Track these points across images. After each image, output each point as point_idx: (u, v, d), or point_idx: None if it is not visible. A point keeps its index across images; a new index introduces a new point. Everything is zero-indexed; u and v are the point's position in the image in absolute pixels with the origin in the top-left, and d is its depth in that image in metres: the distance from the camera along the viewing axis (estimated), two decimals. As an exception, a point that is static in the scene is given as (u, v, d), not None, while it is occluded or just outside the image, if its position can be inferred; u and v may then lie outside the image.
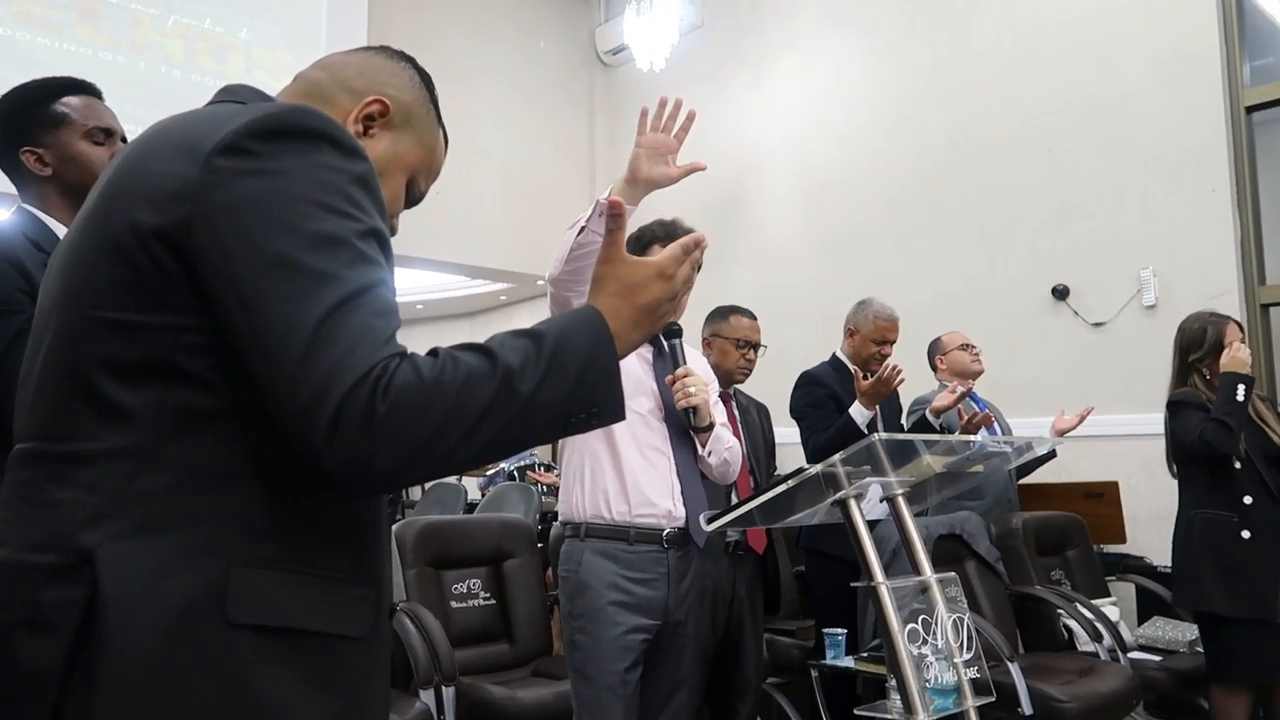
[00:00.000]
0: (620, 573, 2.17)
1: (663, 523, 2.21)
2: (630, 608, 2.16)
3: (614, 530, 2.19)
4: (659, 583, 2.20)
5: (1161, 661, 3.40)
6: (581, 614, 2.18)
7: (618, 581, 2.16)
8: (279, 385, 0.79)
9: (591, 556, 2.19)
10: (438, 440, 0.79)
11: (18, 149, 1.70)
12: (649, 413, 2.26)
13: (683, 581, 2.24)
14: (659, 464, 2.23)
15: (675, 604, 2.22)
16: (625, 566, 2.18)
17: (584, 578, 2.18)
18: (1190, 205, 4.37)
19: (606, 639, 2.13)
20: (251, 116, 0.85)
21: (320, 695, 0.85)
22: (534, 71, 7.08)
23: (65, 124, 1.71)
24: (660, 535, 2.20)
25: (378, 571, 0.94)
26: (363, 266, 0.82)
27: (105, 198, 0.89)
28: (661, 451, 2.25)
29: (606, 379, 0.89)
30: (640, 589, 2.18)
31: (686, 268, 0.99)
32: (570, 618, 2.21)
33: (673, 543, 2.22)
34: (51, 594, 0.80)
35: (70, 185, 1.70)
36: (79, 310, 0.87)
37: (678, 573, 2.23)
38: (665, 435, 2.26)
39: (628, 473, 2.20)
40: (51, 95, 1.73)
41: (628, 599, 2.16)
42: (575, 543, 2.23)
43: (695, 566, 2.29)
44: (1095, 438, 4.05)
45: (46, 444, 0.87)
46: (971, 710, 1.56)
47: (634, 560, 2.19)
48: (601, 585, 2.16)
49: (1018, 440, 1.89)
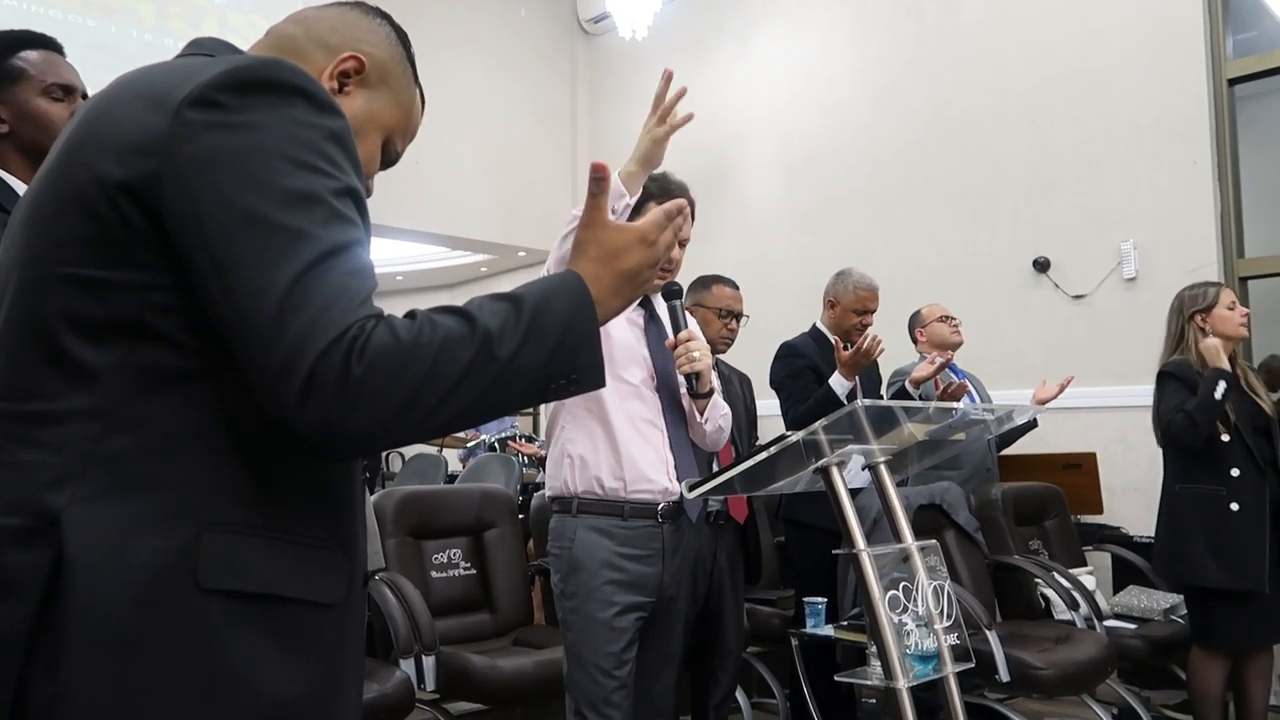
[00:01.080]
0: (616, 550, 2.10)
1: (658, 497, 2.14)
2: (626, 586, 2.09)
3: (608, 506, 2.12)
4: (654, 559, 2.13)
5: (1136, 630, 3.44)
6: (575, 594, 2.10)
7: (613, 560, 2.09)
8: (251, 345, 0.77)
9: (585, 533, 2.11)
10: (414, 403, 0.77)
11: None
12: (641, 383, 2.17)
13: (675, 556, 2.19)
14: (652, 438, 2.16)
15: (670, 580, 2.17)
16: (620, 543, 2.10)
17: (578, 556, 2.10)
18: (1171, 178, 4.38)
19: (602, 619, 2.06)
20: (222, 68, 0.82)
21: (292, 662, 0.83)
22: (515, 40, 6.99)
23: (23, 79, 1.66)
24: (655, 510, 2.14)
25: (351, 538, 0.92)
26: (338, 225, 0.80)
27: (69, 150, 0.86)
28: (654, 425, 2.17)
29: (587, 344, 0.88)
30: (635, 566, 2.11)
31: (669, 234, 0.98)
32: (563, 597, 2.13)
33: (667, 517, 2.15)
34: (15, 557, 0.78)
35: (28, 143, 1.66)
36: (42, 267, 0.84)
37: (671, 547, 2.17)
38: (658, 407, 2.18)
39: (622, 448, 2.11)
40: (8, 49, 1.68)
41: (623, 577, 2.09)
42: (567, 519, 2.15)
43: (686, 539, 2.23)
44: (1074, 409, 4.08)
45: (9, 404, 0.85)
46: (950, 676, 1.57)
47: (629, 536, 2.11)
48: (596, 564, 2.08)
49: (999, 408, 1.90)
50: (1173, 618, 3.50)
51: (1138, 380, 3.43)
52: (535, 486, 5.00)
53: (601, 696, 2.04)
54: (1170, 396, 3.14)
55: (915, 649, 1.53)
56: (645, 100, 2.09)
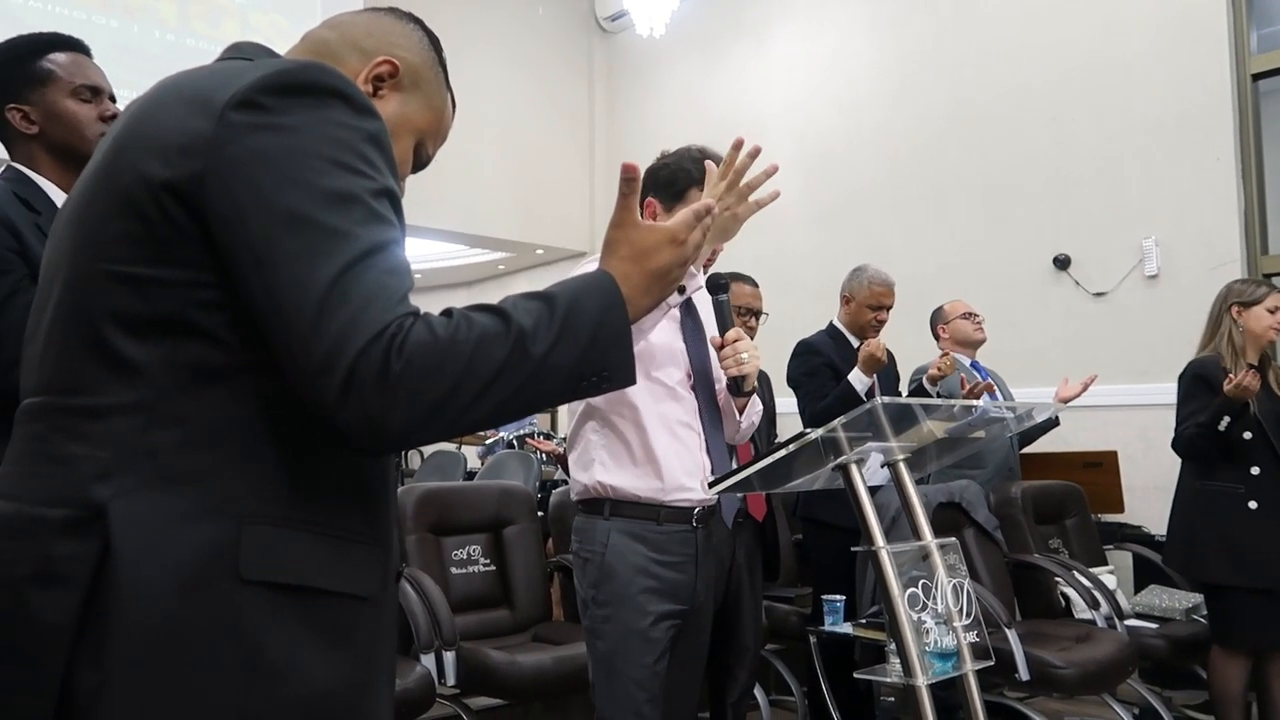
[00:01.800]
0: (650, 555, 1.99)
1: (693, 501, 2.03)
2: (661, 594, 1.98)
3: (644, 509, 2.00)
4: (688, 565, 2.03)
5: (1158, 629, 3.42)
6: (607, 601, 1.98)
7: (648, 566, 1.98)
8: (292, 343, 0.79)
9: (619, 538, 1.99)
10: (451, 399, 0.79)
11: (3, 106, 1.67)
12: (677, 384, 2.05)
13: (707, 560, 2.09)
14: (689, 441, 2.04)
15: (702, 587, 2.07)
16: (655, 549, 1.99)
17: (610, 562, 1.98)
18: (1194, 174, 4.34)
19: (637, 629, 1.95)
20: (264, 71, 0.85)
21: (329, 653, 0.85)
22: (532, 38, 7.01)
23: (51, 81, 1.68)
24: (690, 514, 2.03)
25: (386, 532, 0.94)
26: (375, 225, 0.82)
27: (115, 151, 0.88)
28: (691, 427, 2.05)
29: (618, 342, 0.89)
30: (669, 573, 2.00)
31: (698, 233, 0.99)
32: (593, 604, 2.01)
33: (702, 520, 2.05)
34: (63, 548, 0.80)
35: (56, 143, 1.68)
36: (88, 264, 0.87)
37: (704, 552, 2.07)
38: (694, 408, 2.07)
39: (659, 454, 2.00)
40: (37, 51, 1.70)
41: (658, 585, 1.98)
42: (597, 521, 2.03)
43: (715, 543, 2.13)
44: (1095, 407, 4.06)
45: (56, 398, 0.87)
46: (970, 674, 1.57)
47: (663, 541, 2.00)
48: (630, 570, 1.97)
49: (1018, 406, 1.89)
50: (1194, 617, 3.47)
51: (1159, 378, 3.41)
52: (554, 484, 5.01)
53: (632, 709, 1.95)
54: (1188, 401, 3.13)
55: (934, 647, 1.52)
56: (663, 97, 2.09)
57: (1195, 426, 3.07)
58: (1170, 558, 3.34)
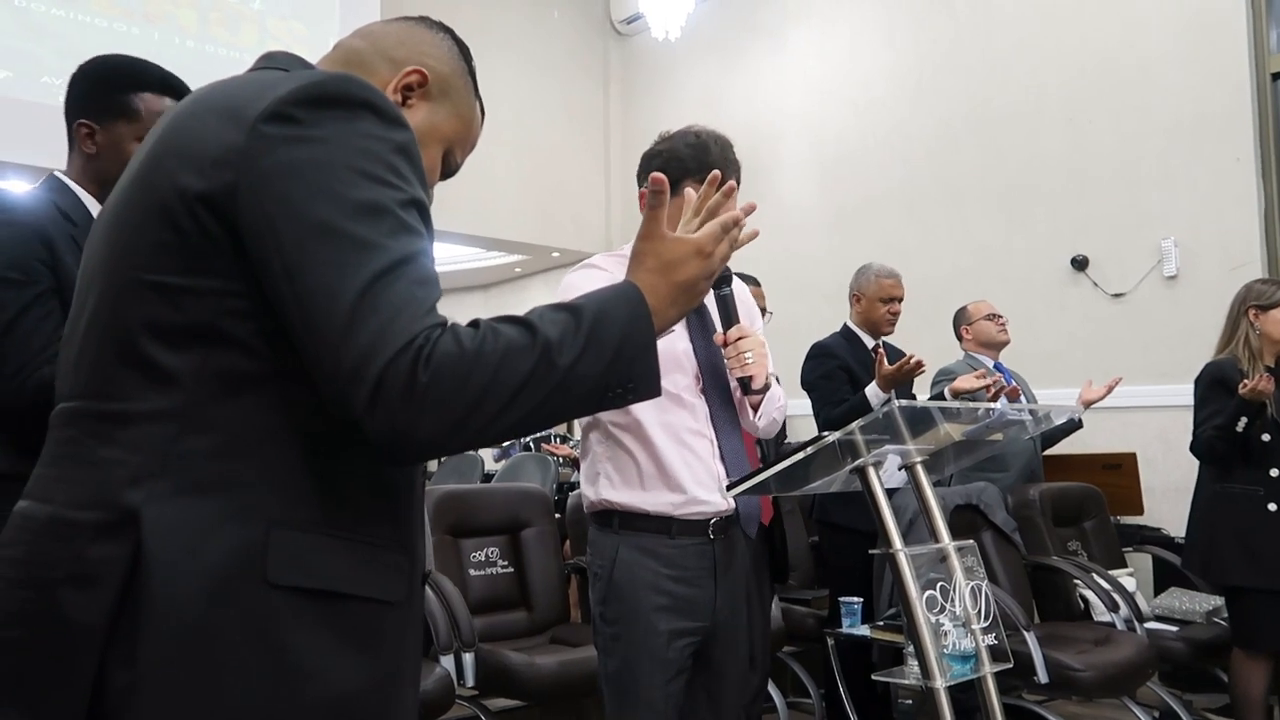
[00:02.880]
0: (662, 571, 1.89)
1: (708, 513, 1.92)
2: (673, 611, 1.89)
3: (654, 522, 1.91)
4: (704, 579, 1.92)
5: (1178, 632, 3.40)
6: (616, 619, 1.90)
7: (658, 583, 1.89)
8: (321, 352, 0.80)
9: (628, 553, 1.90)
10: (478, 410, 0.80)
11: (78, 116, 1.69)
12: (684, 390, 1.93)
13: (728, 573, 1.97)
14: (700, 449, 1.93)
15: (724, 601, 1.95)
16: (667, 564, 1.90)
17: (619, 579, 1.90)
18: (1213, 174, 4.31)
19: (647, 648, 1.87)
20: (296, 84, 0.86)
21: (356, 658, 0.86)
22: (548, 41, 7.03)
23: (130, 119, 1.67)
24: (706, 525, 1.93)
25: (412, 538, 0.95)
26: (404, 236, 0.83)
27: (150, 161, 0.90)
28: (702, 434, 1.94)
29: (643, 354, 0.90)
30: (683, 589, 1.90)
31: (725, 245, 1.00)
32: (604, 622, 1.93)
33: (719, 532, 1.95)
34: (96, 550, 0.82)
35: (105, 173, 1.67)
36: (123, 273, 0.88)
37: (724, 564, 1.96)
38: (705, 413, 1.95)
39: (668, 468, 1.90)
40: (135, 85, 1.69)
41: (670, 601, 1.89)
42: (608, 535, 1.95)
43: (739, 552, 2.01)
44: (1113, 409, 4.03)
45: (90, 403, 0.89)
46: (988, 676, 1.57)
47: (676, 556, 1.90)
48: (640, 587, 1.88)
49: (1037, 409, 1.88)
50: (1215, 620, 3.45)
51: (1179, 379, 3.39)
52: (571, 486, 5.03)
53: None
54: (1206, 404, 3.11)
55: (952, 649, 1.53)
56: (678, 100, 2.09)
57: (1213, 429, 3.05)
58: (1190, 560, 3.32)
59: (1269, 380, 2.93)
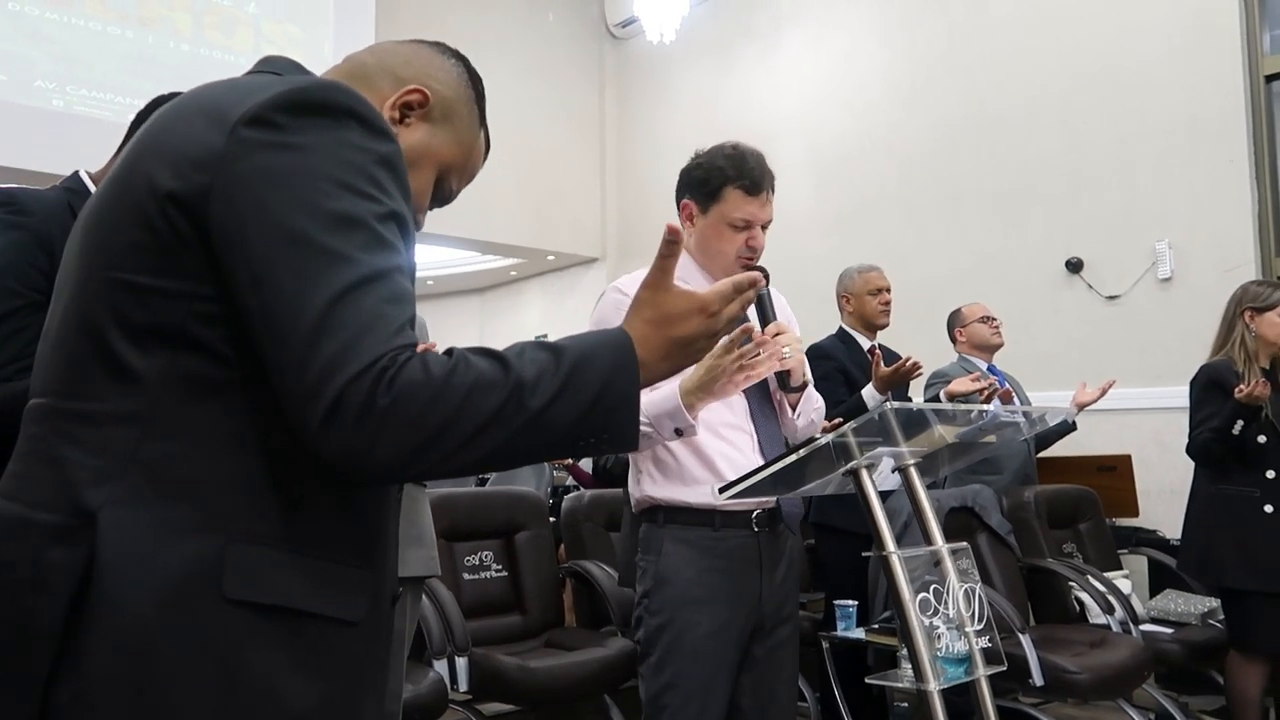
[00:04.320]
0: (706, 564, 1.91)
1: (751, 505, 1.94)
2: (718, 603, 1.91)
3: (698, 515, 1.92)
4: (749, 570, 1.94)
5: (1174, 634, 3.39)
6: (659, 609, 1.92)
7: (701, 576, 1.91)
8: (284, 364, 0.78)
9: (673, 545, 1.92)
10: (436, 442, 0.78)
11: None
12: None
13: (778, 567, 1.99)
14: (740, 444, 1.95)
15: (771, 595, 1.97)
16: (712, 555, 1.92)
17: (663, 570, 1.92)
18: (1207, 177, 4.32)
19: (688, 640, 1.89)
20: (282, 89, 0.84)
21: (310, 676, 0.84)
22: (543, 45, 7.04)
23: None
24: (750, 518, 1.94)
25: (380, 555, 0.93)
26: (378, 250, 0.81)
27: (133, 159, 0.89)
28: (742, 429, 1.96)
29: (624, 405, 0.86)
30: (728, 580, 1.92)
31: (735, 306, 0.94)
32: (648, 614, 1.94)
33: (763, 525, 1.96)
34: (53, 554, 0.80)
35: None
36: (98, 270, 0.87)
37: (770, 558, 1.97)
38: (745, 409, 1.98)
39: (707, 460, 1.92)
40: None
41: (713, 594, 1.91)
42: (654, 529, 1.96)
43: (787, 549, 2.02)
44: (1109, 411, 4.03)
45: (57, 400, 0.87)
46: (983, 679, 1.56)
47: (720, 548, 1.92)
48: (683, 581, 1.90)
49: (1031, 410, 1.88)
50: (1210, 622, 3.45)
51: (1174, 381, 3.39)
52: (565, 489, 5.02)
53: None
54: (1202, 406, 3.11)
55: (947, 652, 1.52)
56: (673, 104, 2.09)
57: (1209, 431, 3.05)
58: (1185, 562, 3.32)
59: (1265, 385, 2.93)
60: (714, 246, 2.04)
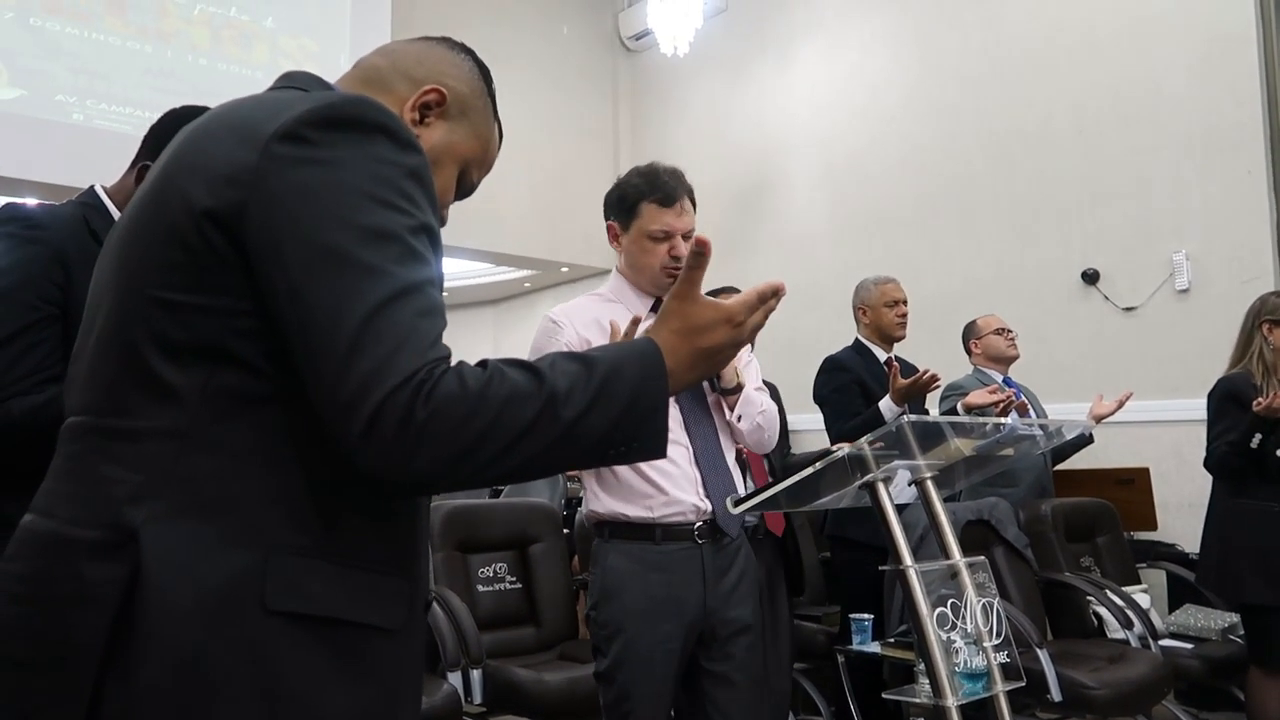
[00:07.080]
0: (648, 575, 1.97)
1: (690, 518, 1.99)
2: (658, 614, 1.95)
3: (638, 530, 1.99)
4: (693, 583, 1.98)
5: (1194, 649, 3.36)
6: (606, 622, 1.98)
7: (645, 587, 1.96)
8: (322, 378, 0.79)
9: (616, 559, 1.99)
10: (473, 453, 0.79)
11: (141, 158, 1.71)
12: None
13: (725, 576, 2.03)
14: (676, 455, 1.98)
15: (717, 604, 2.00)
16: (652, 568, 1.97)
17: (608, 584, 1.99)
18: (1224, 188, 4.29)
19: (636, 650, 1.94)
20: (311, 105, 0.85)
21: (351, 685, 0.85)
22: (557, 57, 7.07)
23: None
24: (690, 530, 1.99)
25: (414, 564, 0.94)
26: (412, 263, 0.82)
27: (164, 177, 0.90)
28: (678, 442, 1.99)
29: (653, 414, 0.88)
30: (668, 591, 1.97)
31: (759, 315, 0.96)
32: (595, 625, 2.02)
33: (705, 536, 2.01)
34: (95, 570, 0.81)
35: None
36: (133, 288, 0.88)
37: (715, 569, 2.01)
38: (679, 420, 2.01)
39: (644, 474, 1.97)
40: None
41: (653, 605, 1.95)
42: (601, 544, 2.04)
43: (739, 559, 2.07)
44: (1126, 424, 4.01)
45: (96, 418, 0.88)
46: (1001, 695, 1.55)
47: (662, 560, 1.97)
48: (626, 592, 1.97)
49: (1047, 424, 1.87)
50: (1231, 637, 3.41)
51: (1191, 394, 3.36)
52: (579, 501, 5.01)
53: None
54: (1220, 419, 3.09)
55: (964, 667, 1.51)
56: (687, 116, 2.10)
57: (1227, 445, 3.03)
58: (1204, 576, 3.29)
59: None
60: (639, 261, 2.11)
